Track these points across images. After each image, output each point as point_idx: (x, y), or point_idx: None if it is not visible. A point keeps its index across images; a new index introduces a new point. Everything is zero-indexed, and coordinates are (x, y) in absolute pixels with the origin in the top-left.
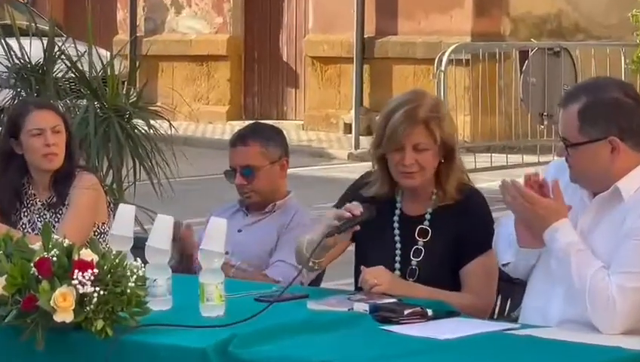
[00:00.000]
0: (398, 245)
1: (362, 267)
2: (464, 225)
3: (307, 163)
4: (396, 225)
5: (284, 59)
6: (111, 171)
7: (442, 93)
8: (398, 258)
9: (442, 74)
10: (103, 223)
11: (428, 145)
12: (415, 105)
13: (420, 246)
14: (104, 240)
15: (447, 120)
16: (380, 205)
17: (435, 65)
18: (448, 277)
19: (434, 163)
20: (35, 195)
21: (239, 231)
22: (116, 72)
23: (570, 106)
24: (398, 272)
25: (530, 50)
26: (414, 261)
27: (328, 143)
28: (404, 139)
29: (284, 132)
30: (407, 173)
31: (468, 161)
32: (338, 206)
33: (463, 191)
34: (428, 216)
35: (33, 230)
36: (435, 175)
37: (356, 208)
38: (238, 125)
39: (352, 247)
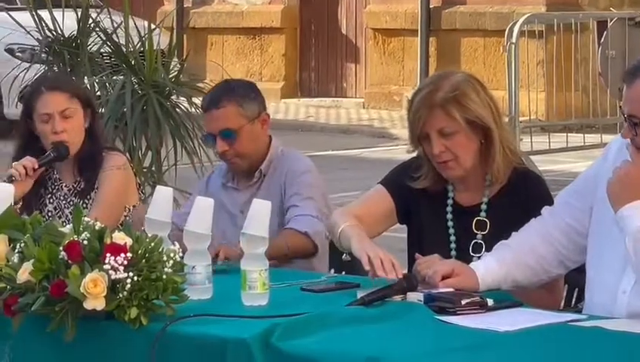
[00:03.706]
0: (453, 238)
1: (417, 254)
2: (524, 214)
3: (367, 144)
4: (449, 216)
5: (344, 31)
6: (150, 153)
7: (513, 68)
8: (453, 252)
9: (513, 47)
10: (134, 206)
11: (454, 128)
12: (431, 89)
13: (479, 241)
14: None
15: (472, 96)
16: (431, 197)
17: (506, 37)
18: None
19: (470, 146)
20: (60, 180)
21: (241, 212)
22: (155, 46)
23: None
24: None
25: (609, 20)
26: (475, 257)
27: (390, 123)
28: (425, 126)
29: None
30: (441, 163)
31: (542, 141)
32: (384, 183)
33: (518, 175)
34: (484, 207)
35: (60, 218)
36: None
37: (400, 279)
38: (294, 103)
39: (404, 234)
